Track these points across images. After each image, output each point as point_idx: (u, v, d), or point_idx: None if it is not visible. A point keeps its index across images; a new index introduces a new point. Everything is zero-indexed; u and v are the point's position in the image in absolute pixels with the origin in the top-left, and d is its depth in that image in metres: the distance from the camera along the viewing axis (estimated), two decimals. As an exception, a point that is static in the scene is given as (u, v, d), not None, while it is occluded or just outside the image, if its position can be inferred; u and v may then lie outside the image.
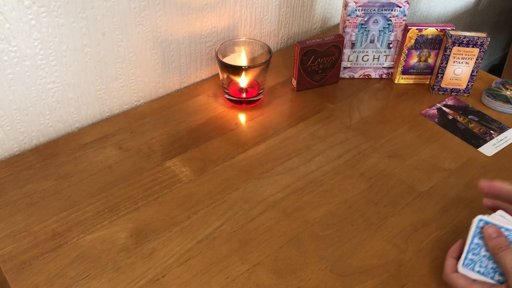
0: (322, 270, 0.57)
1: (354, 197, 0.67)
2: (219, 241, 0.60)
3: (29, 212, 0.63)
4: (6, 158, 0.73)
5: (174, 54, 0.84)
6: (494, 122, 0.80)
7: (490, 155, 0.74)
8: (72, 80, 0.74)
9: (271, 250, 0.60)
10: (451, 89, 0.86)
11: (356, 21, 0.84)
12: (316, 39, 0.82)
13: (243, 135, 0.77)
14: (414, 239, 0.61)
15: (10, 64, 0.66)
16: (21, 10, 0.63)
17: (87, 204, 0.65)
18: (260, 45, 0.84)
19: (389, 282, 0.56)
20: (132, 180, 0.68)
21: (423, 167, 0.72)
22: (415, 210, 0.65)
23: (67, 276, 0.56)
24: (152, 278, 0.56)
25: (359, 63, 0.89)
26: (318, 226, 0.63)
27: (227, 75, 0.81)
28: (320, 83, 0.87)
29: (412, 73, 0.88)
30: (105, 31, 0.73)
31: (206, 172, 0.70)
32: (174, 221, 0.63)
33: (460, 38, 0.80)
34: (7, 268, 0.57)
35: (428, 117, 0.82)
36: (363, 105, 0.84)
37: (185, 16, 0.81)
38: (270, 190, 0.67)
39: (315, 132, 0.78)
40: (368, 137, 0.77)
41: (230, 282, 0.56)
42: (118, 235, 0.61)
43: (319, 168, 0.71)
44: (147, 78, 0.83)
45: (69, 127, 0.78)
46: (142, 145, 0.74)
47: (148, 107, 0.82)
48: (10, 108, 0.70)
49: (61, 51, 0.70)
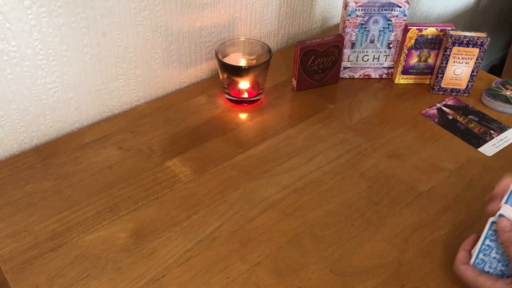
0: (322, 270, 0.57)
1: (354, 197, 0.67)
2: (219, 241, 0.60)
3: (29, 212, 0.63)
4: (6, 158, 0.73)
5: (174, 54, 0.84)
6: (494, 122, 0.80)
7: (490, 155, 0.74)
8: (72, 80, 0.74)
9: (271, 250, 0.60)
10: (451, 89, 0.86)
11: (356, 21, 0.84)
12: (316, 39, 0.82)
13: (243, 135, 0.77)
14: (414, 239, 0.61)
15: (10, 64, 0.66)
16: (21, 10, 0.63)
17: (87, 204, 0.65)
18: (260, 45, 0.84)
19: (389, 282, 0.56)
20: (132, 180, 0.68)
21: (423, 167, 0.72)
22: (415, 210, 0.65)
23: (67, 276, 0.56)
24: (152, 278, 0.56)
25: (359, 63, 0.89)
26: (318, 226, 0.63)
27: (227, 75, 0.81)
28: (320, 83, 0.87)
29: (412, 73, 0.88)
30: (105, 31, 0.73)
31: (206, 172, 0.70)
32: (174, 221, 0.63)
33: (460, 38, 0.80)
34: (7, 268, 0.57)
35: (428, 117, 0.82)
36: (363, 105, 0.84)
37: (185, 16, 0.81)
38: (270, 190, 0.67)
39: (315, 132, 0.78)
40: (368, 137, 0.77)
41: (230, 282, 0.56)
42: (118, 235, 0.61)
43: (319, 168, 0.71)
44: (147, 78, 0.83)
45: (69, 127, 0.78)
46: (142, 145, 0.74)
47: (148, 107, 0.82)
48: (10, 108, 0.70)
49: (61, 51, 0.70)
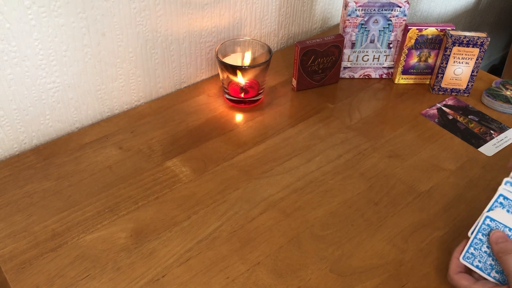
0: (322, 270, 0.57)
1: (354, 197, 0.67)
2: (219, 241, 0.60)
3: (29, 212, 0.63)
4: (6, 158, 0.73)
5: (174, 54, 0.84)
6: (494, 122, 0.80)
7: (490, 155, 0.74)
8: (72, 80, 0.74)
9: (271, 250, 0.60)
10: (451, 89, 0.86)
11: (356, 21, 0.84)
12: (316, 39, 0.82)
13: (243, 135, 0.77)
14: (414, 239, 0.61)
15: (10, 64, 0.66)
16: (21, 10, 0.63)
17: (87, 204, 0.65)
18: (260, 45, 0.84)
19: (389, 282, 0.56)
20: (132, 180, 0.68)
21: (423, 167, 0.72)
22: (415, 210, 0.65)
23: (67, 276, 0.56)
24: (152, 278, 0.56)
25: (359, 63, 0.89)
26: (318, 226, 0.63)
27: (227, 75, 0.81)
28: (320, 83, 0.87)
29: (412, 73, 0.88)
30: (105, 31, 0.73)
31: (206, 172, 0.70)
32: (174, 221, 0.63)
33: (460, 38, 0.80)
34: (7, 268, 0.57)
35: (428, 117, 0.82)
36: (363, 105, 0.84)
37: (185, 16, 0.81)
38: (270, 190, 0.67)
39: (315, 132, 0.78)
40: (368, 137, 0.77)
41: (230, 282, 0.56)
42: (118, 235, 0.61)
43: (319, 168, 0.71)
44: (147, 78, 0.83)
45: (69, 127, 0.78)
46: (142, 145, 0.74)
47: (148, 107, 0.82)
48: (10, 108, 0.70)
49: (61, 51, 0.70)
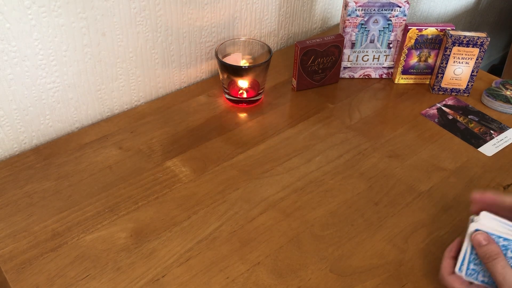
0: (322, 270, 0.57)
1: (354, 197, 0.67)
2: (219, 241, 0.60)
3: (29, 212, 0.63)
4: (6, 158, 0.73)
5: (174, 54, 0.84)
6: (494, 122, 0.80)
7: (490, 155, 0.74)
8: (72, 80, 0.74)
9: (271, 250, 0.60)
10: (451, 89, 0.86)
11: (356, 21, 0.84)
12: (316, 39, 0.82)
13: (243, 135, 0.77)
14: (414, 239, 0.61)
15: (10, 64, 0.66)
16: (21, 10, 0.63)
17: (87, 204, 0.65)
18: (260, 45, 0.84)
19: (389, 282, 0.56)
20: (132, 180, 0.68)
21: (423, 167, 0.72)
22: (415, 210, 0.65)
23: (67, 276, 0.56)
24: (152, 278, 0.56)
25: (359, 63, 0.89)
26: (318, 226, 0.63)
27: (227, 75, 0.81)
28: (320, 83, 0.87)
29: (412, 73, 0.88)
30: (105, 31, 0.73)
31: (206, 172, 0.70)
32: (174, 221, 0.63)
33: (460, 38, 0.80)
34: (7, 268, 0.57)
35: (428, 117, 0.82)
36: (363, 105, 0.84)
37: (185, 16, 0.81)
38: (270, 190, 0.67)
39: (315, 132, 0.78)
40: (368, 137, 0.77)
41: (230, 282, 0.56)
42: (118, 235, 0.61)
43: (319, 168, 0.71)
44: (147, 78, 0.83)
45: (69, 127, 0.78)
46: (142, 145, 0.74)
47: (148, 107, 0.82)
48: (10, 108, 0.70)
49: (61, 51, 0.70)
